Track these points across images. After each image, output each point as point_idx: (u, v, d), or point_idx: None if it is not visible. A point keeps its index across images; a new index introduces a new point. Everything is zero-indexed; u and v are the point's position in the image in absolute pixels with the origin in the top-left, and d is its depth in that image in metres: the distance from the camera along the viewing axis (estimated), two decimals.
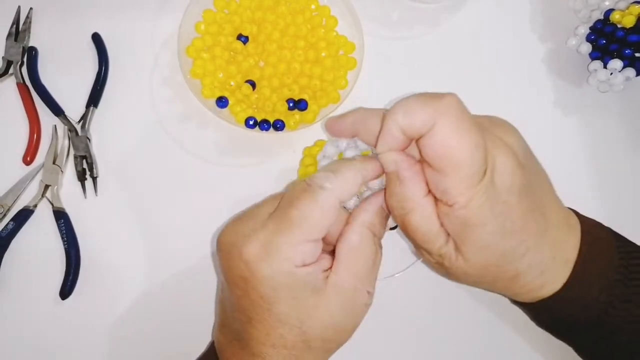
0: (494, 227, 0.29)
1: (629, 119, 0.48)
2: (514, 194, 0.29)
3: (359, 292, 0.32)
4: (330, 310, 0.31)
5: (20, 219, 0.45)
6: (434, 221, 0.30)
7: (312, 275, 0.31)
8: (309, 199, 0.30)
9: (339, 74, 0.46)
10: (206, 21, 0.46)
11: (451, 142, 0.27)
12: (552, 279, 0.32)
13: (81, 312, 0.44)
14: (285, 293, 0.30)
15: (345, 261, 0.32)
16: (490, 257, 0.31)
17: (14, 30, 0.48)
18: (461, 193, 0.28)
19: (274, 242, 0.30)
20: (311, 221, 0.30)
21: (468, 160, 0.28)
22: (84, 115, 0.46)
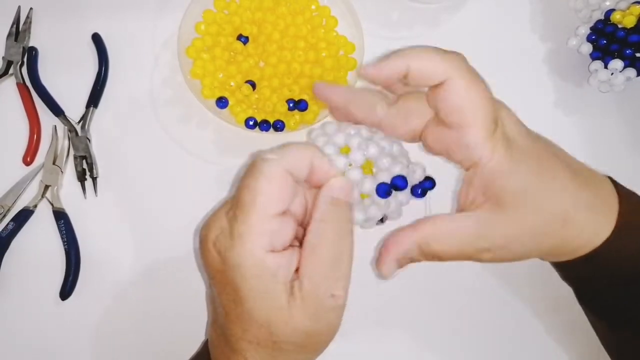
0: (523, 170, 0.30)
1: (629, 119, 0.48)
2: (527, 137, 0.31)
3: (323, 297, 0.29)
4: (294, 313, 0.29)
5: (20, 219, 0.45)
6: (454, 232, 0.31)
7: (281, 268, 0.29)
8: (254, 174, 0.29)
9: (339, 75, 0.46)
10: (206, 21, 0.46)
11: (470, 94, 0.30)
12: (603, 220, 0.31)
13: (81, 312, 0.44)
14: (255, 284, 0.28)
15: (306, 264, 0.29)
16: (532, 202, 0.30)
17: (14, 30, 0.48)
18: (484, 145, 0.30)
19: (236, 229, 0.28)
20: (260, 195, 0.28)
21: (485, 109, 0.29)
22: (83, 116, 0.46)
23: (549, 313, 0.45)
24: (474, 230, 0.31)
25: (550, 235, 0.31)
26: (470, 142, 0.30)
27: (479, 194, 0.31)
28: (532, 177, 0.30)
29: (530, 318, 0.45)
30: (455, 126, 0.30)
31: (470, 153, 0.30)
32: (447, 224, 0.32)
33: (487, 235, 0.31)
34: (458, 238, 0.31)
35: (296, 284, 0.29)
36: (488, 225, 0.31)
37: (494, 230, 0.31)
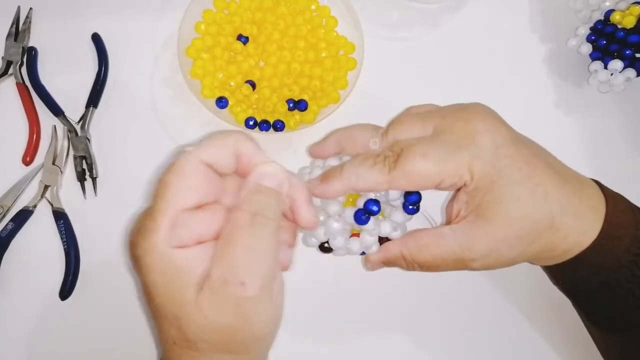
0: (505, 179, 0.31)
1: (629, 119, 0.48)
2: (509, 145, 0.32)
3: (230, 284, 0.26)
4: (201, 306, 0.27)
5: (19, 219, 0.45)
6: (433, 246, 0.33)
7: (189, 262, 0.27)
8: (171, 168, 0.28)
9: (339, 75, 0.46)
10: (206, 21, 0.46)
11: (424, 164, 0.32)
12: (589, 223, 0.32)
13: (81, 312, 0.44)
14: (160, 278, 0.27)
15: (218, 250, 0.27)
16: (515, 210, 0.31)
17: (13, 30, 0.48)
18: (462, 175, 0.31)
19: (143, 224, 0.28)
20: (170, 188, 0.27)
21: (445, 179, 0.32)
22: (83, 116, 0.46)
23: (547, 316, 0.45)
24: (456, 242, 0.32)
25: (536, 239, 0.31)
26: (450, 184, 0.32)
27: (463, 207, 0.32)
28: (515, 186, 0.31)
29: (528, 321, 0.45)
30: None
31: (454, 186, 0.32)
32: (430, 238, 0.33)
33: (471, 245, 0.32)
34: (442, 249, 0.32)
35: (209, 280, 0.27)
36: (471, 235, 0.32)
37: (477, 240, 0.32)
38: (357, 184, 0.32)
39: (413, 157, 0.31)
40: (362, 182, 0.32)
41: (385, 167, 0.32)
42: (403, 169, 0.32)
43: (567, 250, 0.32)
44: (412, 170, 0.31)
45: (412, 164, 0.31)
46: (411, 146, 0.32)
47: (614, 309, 0.33)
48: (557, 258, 0.33)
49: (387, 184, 0.32)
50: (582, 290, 0.34)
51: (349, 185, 0.33)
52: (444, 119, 0.33)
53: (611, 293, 0.32)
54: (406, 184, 0.32)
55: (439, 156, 0.31)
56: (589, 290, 0.33)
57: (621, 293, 0.32)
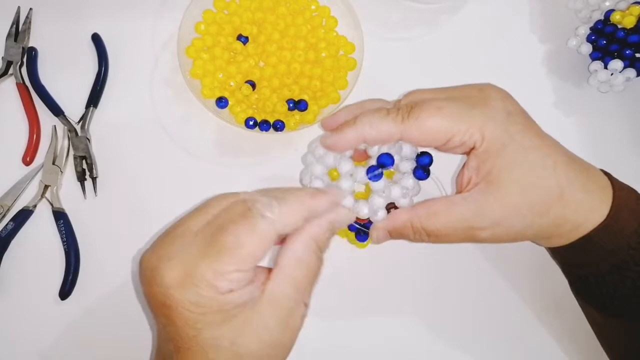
0: (516, 144, 0.31)
1: (629, 119, 0.48)
2: (519, 114, 0.33)
3: (297, 303, 0.30)
4: (266, 323, 0.29)
5: (19, 219, 0.45)
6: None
7: (244, 296, 0.29)
8: (246, 226, 0.28)
9: (339, 75, 0.46)
10: (206, 21, 0.46)
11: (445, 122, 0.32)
12: (598, 200, 0.32)
13: (81, 312, 0.44)
14: (215, 317, 0.28)
15: (286, 269, 0.30)
16: (526, 177, 0.31)
17: (13, 31, 0.48)
18: (472, 134, 0.31)
19: (199, 268, 0.28)
20: (245, 251, 0.28)
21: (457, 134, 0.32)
22: (83, 116, 0.46)
23: (550, 311, 0.45)
24: (468, 208, 0.32)
25: (547, 209, 0.31)
26: (463, 142, 0.32)
27: (474, 174, 0.32)
28: (527, 153, 0.31)
29: (531, 315, 0.45)
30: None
31: (466, 144, 0.32)
32: (441, 205, 0.33)
33: (482, 212, 0.32)
34: (452, 217, 0.32)
35: (268, 292, 0.29)
36: (483, 202, 0.32)
37: (489, 206, 0.31)
38: (370, 132, 0.33)
39: (427, 109, 0.32)
40: (375, 131, 0.33)
41: (399, 117, 0.32)
42: (416, 119, 0.32)
43: (576, 226, 0.32)
44: (425, 121, 0.32)
45: (426, 115, 0.32)
46: (426, 100, 0.33)
47: (622, 292, 0.33)
48: (565, 236, 0.32)
49: (399, 134, 0.32)
50: (591, 273, 0.33)
51: (362, 133, 0.33)
52: (457, 88, 0.35)
53: (620, 276, 0.32)
54: (418, 135, 0.32)
55: (453, 111, 0.32)
56: (598, 273, 0.33)
57: (629, 275, 0.32)
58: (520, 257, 0.46)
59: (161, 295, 0.28)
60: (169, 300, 0.28)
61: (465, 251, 0.46)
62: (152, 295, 0.29)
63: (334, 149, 0.34)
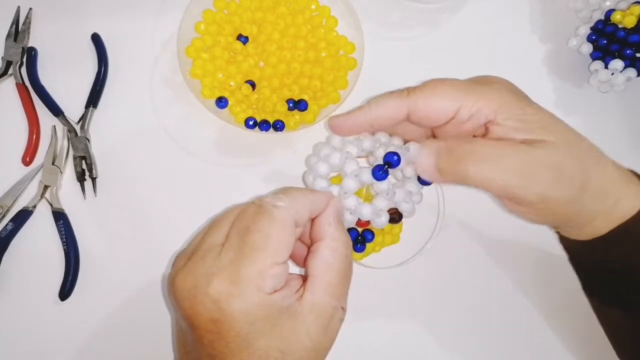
0: (534, 109, 0.31)
1: (630, 119, 0.48)
2: (526, 98, 0.33)
3: (336, 309, 0.31)
4: (309, 331, 0.29)
5: (19, 219, 0.45)
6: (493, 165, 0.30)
7: (286, 300, 0.29)
8: (266, 218, 0.29)
9: (339, 75, 0.46)
10: (206, 21, 0.46)
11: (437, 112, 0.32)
12: (629, 184, 0.32)
13: (80, 313, 0.44)
14: (264, 325, 0.28)
15: (321, 278, 0.30)
16: (565, 134, 0.31)
17: (13, 31, 0.48)
18: (481, 107, 0.31)
19: (241, 273, 0.28)
20: (274, 241, 0.29)
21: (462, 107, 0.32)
22: (83, 116, 0.46)
23: (554, 311, 0.45)
24: (532, 150, 0.30)
25: (590, 172, 0.31)
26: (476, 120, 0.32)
27: (510, 132, 0.31)
28: (549, 117, 0.32)
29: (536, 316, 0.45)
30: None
31: (479, 120, 0.32)
32: (502, 141, 0.31)
33: (547, 154, 0.30)
34: (517, 150, 0.30)
35: (307, 301, 0.30)
36: (544, 149, 0.30)
37: (540, 155, 0.30)
38: (376, 110, 0.33)
39: (434, 82, 0.33)
40: (382, 108, 0.33)
41: (404, 92, 0.33)
42: (421, 92, 0.32)
43: (616, 200, 0.31)
44: (430, 93, 0.32)
45: (431, 86, 0.32)
46: (430, 80, 0.33)
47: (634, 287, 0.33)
48: (606, 216, 0.31)
49: (406, 108, 0.32)
50: (621, 268, 0.33)
51: (369, 113, 0.33)
52: (462, 82, 0.34)
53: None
54: (424, 108, 0.32)
55: (461, 85, 0.32)
56: (630, 266, 0.32)
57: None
58: (524, 259, 0.46)
59: (209, 312, 0.28)
60: (218, 314, 0.28)
61: (468, 252, 0.46)
62: (197, 314, 0.29)
63: (341, 130, 0.34)
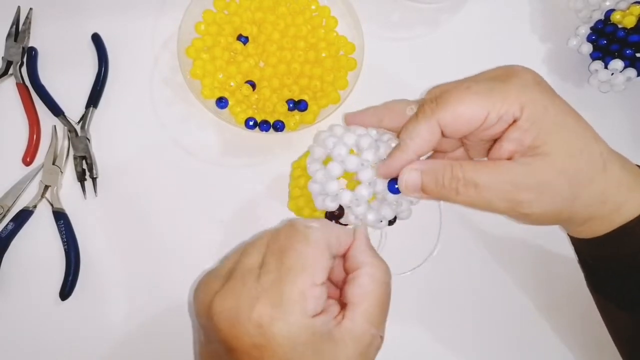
0: (556, 108, 0.31)
1: (630, 119, 0.48)
2: (548, 87, 0.32)
3: (375, 337, 0.30)
4: (349, 358, 0.29)
5: (19, 219, 0.45)
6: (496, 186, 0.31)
7: (326, 325, 0.29)
8: (301, 240, 0.30)
9: (339, 75, 0.46)
10: (206, 22, 0.46)
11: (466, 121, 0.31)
12: (635, 182, 0.31)
13: (81, 313, 0.44)
14: (306, 350, 0.28)
15: (360, 306, 0.30)
16: (574, 140, 0.30)
17: (13, 31, 0.48)
18: (510, 105, 0.30)
19: (285, 295, 0.28)
20: (311, 261, 0.29)
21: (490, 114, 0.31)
22: (83, 116, 0.46)
23: (554, 311, 0.45)
24: (517, 170, 0.30)
25: (591, 179, 0.31)
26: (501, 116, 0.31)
27: (517, 144, 0.31)
28: (568, 118, 0.31)
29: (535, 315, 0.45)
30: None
31: (505, 119, 0.31)
32: (490, 162, 0.32)
33: (532, 173, 0.30)
34: (500, 172, 0.31)
35: (346, 329, 0.29)
36: (533, 164, 0.30)
37: (539, 168, 0.30)
38: (414, 143, 0.32)
39: (456, 92, 0.31)
40: (417, 140, 0.32)
41: (427, 111, 0.31)
42: (446, 104, 0.31)
43: (617, 206, 0.31)
44: (457, 105, 0.31)
45: (456, 99, 0.31)
46: (451, 86, 0.32)
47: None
48: (607, 218, 0.31)
49: (438, 127, 0.31)
50: (624, 267, 0.32)
51: (409, 150, 0.32)
52: (480, 73, 0.34)
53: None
54: (452, 121, 0.31)
55: (483, 89, 0.31)
56: (633, 266, 0.32)
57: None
58: (524, 258, 0.46)
59: (251, 336, 0.28)
60: (261, 339, 0.28)
61: (469, 253, 0.46)
62: (239, 339, 0.28)
63: (390, 175, 0.34)
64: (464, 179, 0.31)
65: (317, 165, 0.35)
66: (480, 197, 0.31)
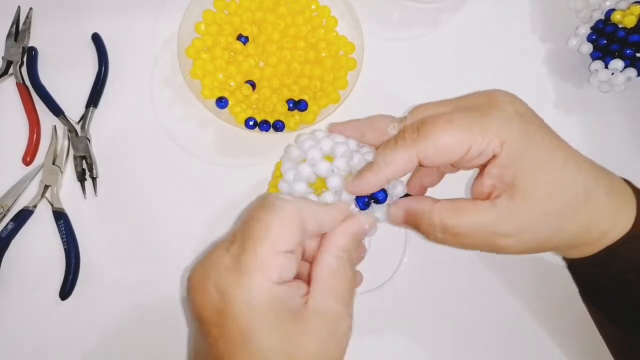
0: (537, 145, 0.30)
1: (630, 119, 0.48)
2: (532, 115, 0.32)
3: (343, 316, 0.30)
4: (318, 338, 0.29)
5: (20, 219, 0.45)
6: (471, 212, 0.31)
7: (291, 297, 0.29)
8: (267, 208, 0.29)
9: (339, 75, 0.46)
10: (206, 22, 0.46)
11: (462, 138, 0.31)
12: (622, 206, 0.31)
13: (81, 313, 0.44)
14: (267, 319, 0.28)
15: (327, 284, 0.30)
16: (551, 181, 0.30)
17: (13, 30, 0.48)
18: (490, 141, 0.30)
19: (244, 260, 0.28)
20: (275, 230, 0.29)
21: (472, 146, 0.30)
22: (83, 116, 0.46)
23: (551, 317, 0.45)
24: (496, 214, 0.30)
25: (574, 213, 0.30)
26: (481, 152, 0.31)
27: (497, 181, 0.31)
28: (549, 153, 0.30)
29: (532, 322, 0.45)
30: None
31: (485, 155, 0.31)
32: (469, 204, 0.32)
33: (511, 216, 0.30)
34: (479, 218, 0.31)
35: (313, 307, 0.29)
36: (512, 207, 0.30)
37: (518, 211, 0.30)
38: (388, 169, 0.32)
39: (438, 124, 0.30)
40: (392, 166, 0.31)
41: (409, 140, 0.31)
42: (427, 136, 0.30)
43: (603, 232, 0.31)
44: (438, 137, 0.30)
45: (438, 131, 0.30)
46: (433, 117, 0.31)
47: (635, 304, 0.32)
48: (593, 244, 0.31)
49: (416, 157, 0.31)
50: (611, 285, 0.33)
51: (381, 174, 0.32)
52: (463, 98, 0.33)
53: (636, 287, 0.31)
54: (433, 153, 0.31)
55: (465, 122, 0.30)
56: (621, 284, 0.32)
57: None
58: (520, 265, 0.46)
59: (214, 302, 0.28)
60: (222, 303, 0.28)
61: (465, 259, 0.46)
62: (204, 306, 0.29)
63: (358, 194, 0.33)
64: (441, 227, 0.32)
65: (290, 165, 0.35)
66: (459, 242, 0.32)
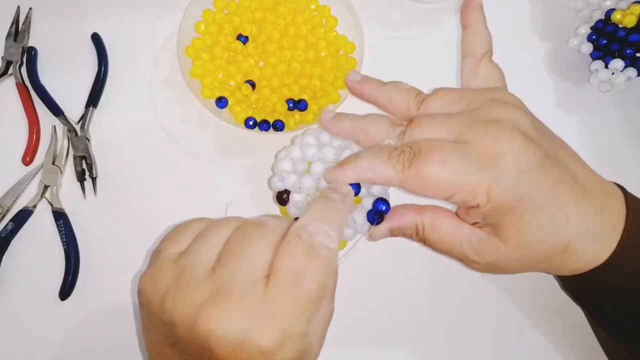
0: (526, 205, 0.29)
1: (630, 119, 0.48)
2: (535, 169, 0.30)
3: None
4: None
5: (19, 219, 0.45)
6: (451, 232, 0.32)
7: None
8: (323, 267, 0.27)
9: (339, 74, 0.46)
10: (206, 21, 0.46)
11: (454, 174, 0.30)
12: (605, 245, 0.31)
13: (81, 312, 0.44)
14: None
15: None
16: (534, 236, 0.30)
17: (13, 30, 0.48)
18: (476, 195, 0.29)
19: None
20: (331, 291, 0.28)
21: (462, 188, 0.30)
22: (83, 116, 0.46)
23: (549, 320, 0.45)
24: (472, 242, 0.32)
25: (548, 260, 0.31)
26: (463, 200, 0.30)
27: (480, 219, 0.31)
28: (537, 213, 0.30)
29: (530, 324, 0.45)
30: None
31: (466, 204, 0.31)
32: (452, 222, 0.32)
33: (482, 252, 0.32)
34: (457, 238, 0.32)
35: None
36: (485, 245, 0.31)
37: (489, 250, 0.31)
38: (368, 175, 0.31)
39: (432, 162, 0.30)
40: (373, 175, 0.31)
41: (399, 164, 0.31)
42: (418, 171, 0.30)
43: (577, 269, 0.31)
44: (428, 175, 0.30)
45: (429, 169, 0.30)
46: (431, 149, 0.30)
47: (625, 321, 0.32)
48: (566, 273, 0.32)
49: (399, 182, 0.31)
50: (592, 302, 0.33)
51: (361, 175, 0.32)
52: (471, 129, 0.31)
53: (621, 308, 0.32)
54: (417, 187, 0.31)
55: (459, 169, 0.29)
56: (599, 303, 0.33)
57: (631, 309, 0.31)
58: None
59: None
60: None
61: None
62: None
63: (333, 182, 0.33)
64: (425, 240, 0.33)
65: (288, 164, 0.35)
66: (437, 248, 0.33)
